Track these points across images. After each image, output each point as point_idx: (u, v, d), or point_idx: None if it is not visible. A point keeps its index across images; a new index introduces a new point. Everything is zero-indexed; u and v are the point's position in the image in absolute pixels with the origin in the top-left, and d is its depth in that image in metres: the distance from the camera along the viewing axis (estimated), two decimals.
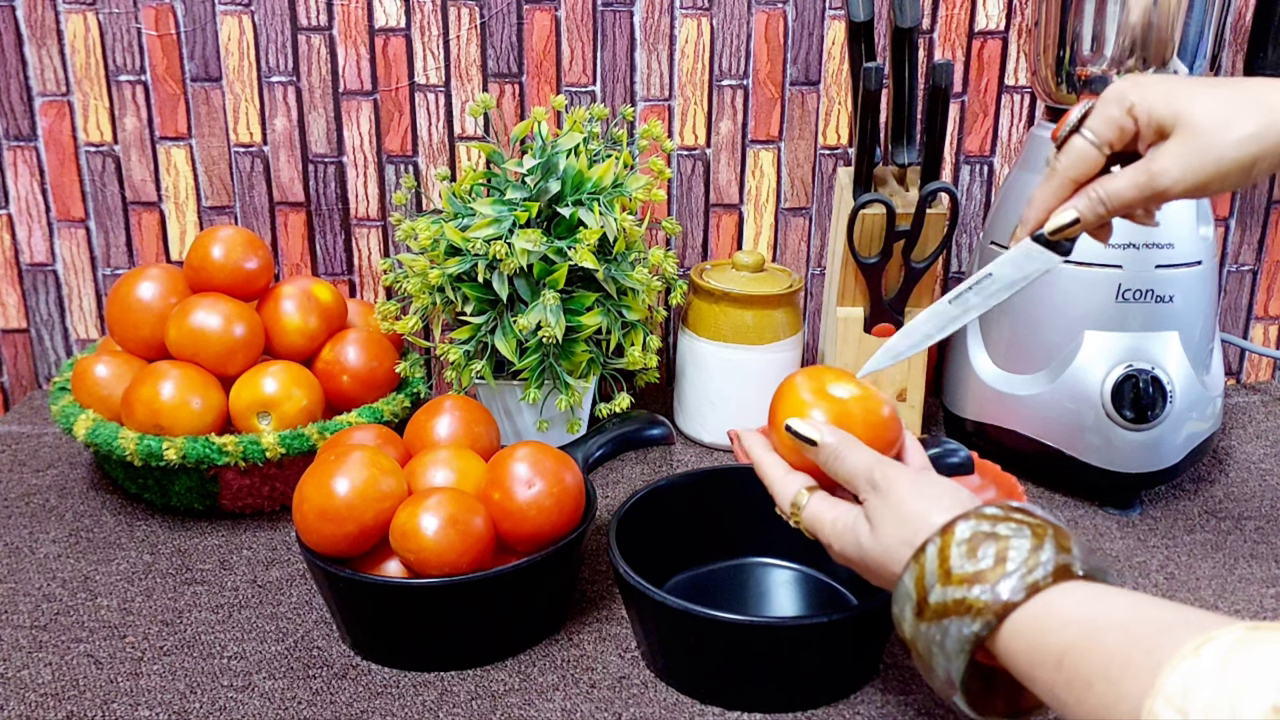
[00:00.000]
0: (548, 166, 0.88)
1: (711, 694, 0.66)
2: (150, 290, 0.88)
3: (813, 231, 1.12)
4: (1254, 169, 0.56)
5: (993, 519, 0.49)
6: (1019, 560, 0.47)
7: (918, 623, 0.49)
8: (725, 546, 0.80)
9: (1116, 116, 0.59)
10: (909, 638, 0.50)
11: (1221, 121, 0.55)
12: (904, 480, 0.54)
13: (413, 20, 1.03)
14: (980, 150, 1.11)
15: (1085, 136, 0.60)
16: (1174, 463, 0.88)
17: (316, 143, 1.07)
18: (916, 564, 0.50)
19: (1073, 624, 0.44)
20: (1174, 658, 0.37)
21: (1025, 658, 0.45)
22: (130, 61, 1.04)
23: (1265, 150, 0.55)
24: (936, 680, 0.49)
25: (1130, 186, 0.58)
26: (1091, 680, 0.41)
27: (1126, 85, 0.59)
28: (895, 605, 0.51)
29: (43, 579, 0.78)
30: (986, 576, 0.47)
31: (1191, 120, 0.56)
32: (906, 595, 0.50)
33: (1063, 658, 0.43)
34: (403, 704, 0.66)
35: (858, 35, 0.89)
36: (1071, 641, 0.43)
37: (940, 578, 0.48)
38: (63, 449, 0.98)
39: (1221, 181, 0.56)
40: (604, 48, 1.05)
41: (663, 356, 1.14)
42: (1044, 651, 0.44)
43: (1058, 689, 0.43)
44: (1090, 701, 0.41)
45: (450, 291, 0.89)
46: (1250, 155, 0.55)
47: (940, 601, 0.48)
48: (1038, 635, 0.45)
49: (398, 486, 0.69)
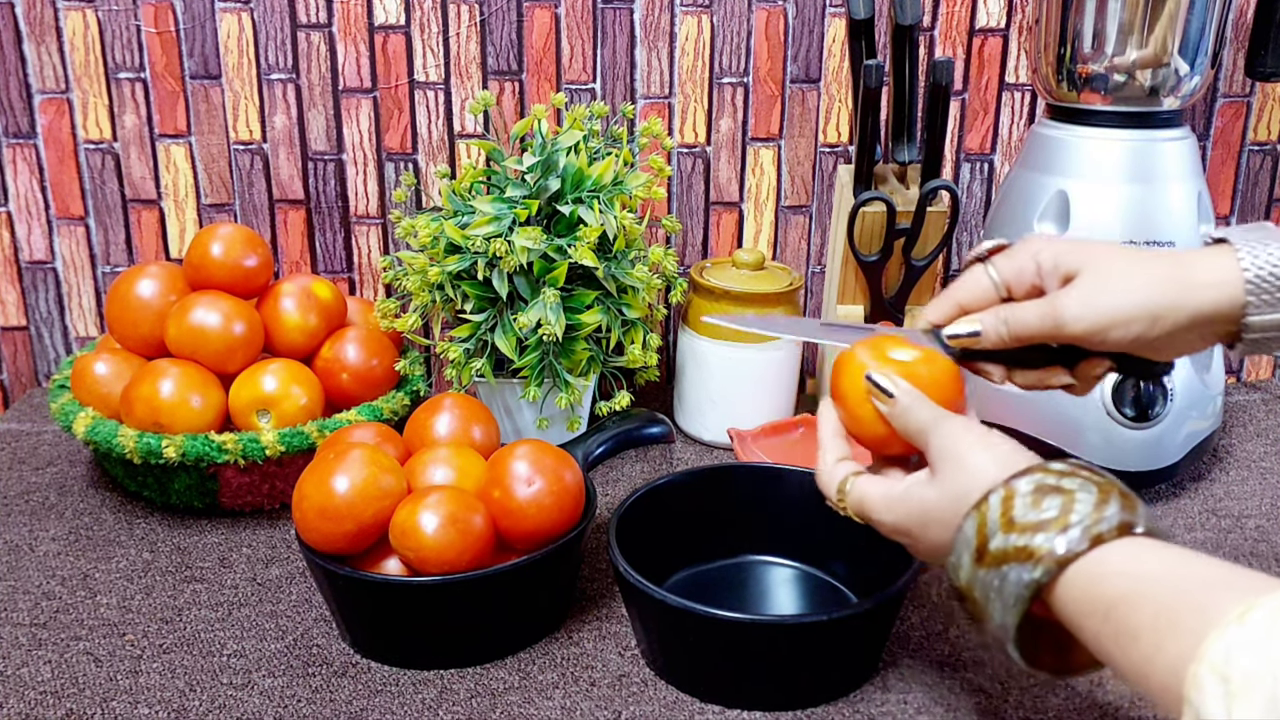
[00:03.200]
0: (548, 164, 0.88)
1: (711, 692, 0.66)
2: (150, 288, 0.88)
3: (813, 229, 1.12)
4: (1157, 322, 0.55)
5: (1059, 474, 0.50)
6: (1084, 513, 0.48)
7: (976, 569, 0.50)
8: (725, 545, 0.80)
9: (1021, 263, 0.60)
10: (964, 584, 0.51)
11: (1124, 270, 0.56)
12: (970, 434, 0.55)
13: (412, 17, 1.03)
14: (981, 148, 1.11)
15: (989, 272, 0.61)
16: (1174, 461, 0.88)
17: (316, 140, 1.06)
18: (978, 512, 0.51)
19: (1124, 576, 0.45)
20: (1220, 623, 0.38)
21: (1076, 607, 0.46)
22: (130, 59, 1.03)
23: (1165, 306, 0.55)
24: (990, 628, 0.50)
25: (1035, 315, 0.58)
26: (1138, 633, 0.42)
27: (1040, 239, 0.61)
28: (953, 554, 0.52)
29: (42, 577, 0.78)
30: (1050, 525, 0.48)
31: (1097, 265, 0.57)
32: (966, 542, 0.51)
33: (1111, 610, 0.44)
34: (402, 702, 0.65)
35: (858, 32, 0.89)
36: (1122, 594, 0.44)
37: (1003, 525, 0.49)
38: (62, 447, 0.98)
39: (1125, 327, 0.56)
40: (604, 45, 1.05)
41: (663, 355, 1.14)
42: (1095, 602, 0.45)
43: (1104, 640, 0.45)
44: (1134, 654, 0.42)
45: (450, 289, 0.89)
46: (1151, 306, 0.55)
47: (1001, 548, 0.49)
48: (1091, 586, 0.46)
49: (397, 485, 0.69)
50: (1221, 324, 0.55)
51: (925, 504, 0.56)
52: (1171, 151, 0.87)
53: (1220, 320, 0.55)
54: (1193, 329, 0.56)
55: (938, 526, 0.55)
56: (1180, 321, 0.55)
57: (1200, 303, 0.55)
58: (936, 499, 0.55)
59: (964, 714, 0.65)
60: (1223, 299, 0.54)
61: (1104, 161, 0.87)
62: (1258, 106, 1.10)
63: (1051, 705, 0.65)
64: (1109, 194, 0.86)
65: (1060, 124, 0.90)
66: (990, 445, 0.55)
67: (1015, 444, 0.55)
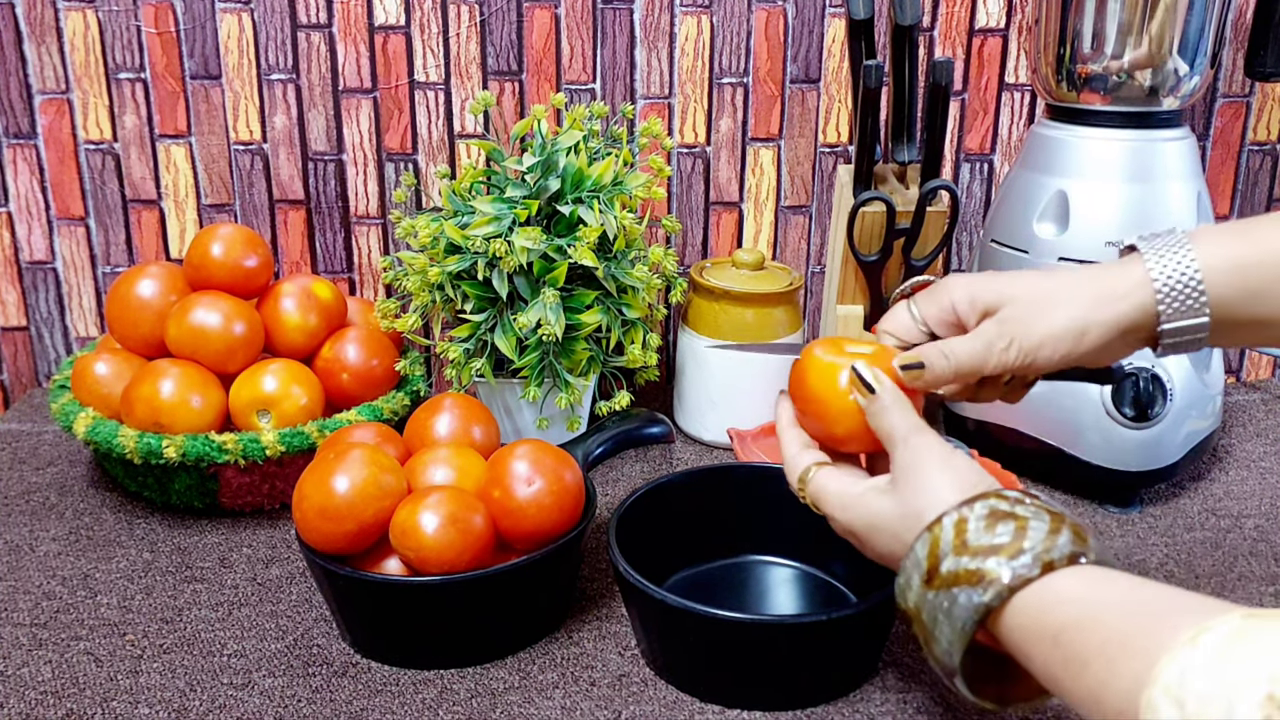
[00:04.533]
0: (548, 164, 0.88)
1: (711, 692, 0.66)
2: (150, 288, 0.88)
3: (813, 229, 1.12)
4: (1081, 338, 0.56)
5: (1013, 501, 0.50)
6: (1036, 540, 0.48)
7: (925, 590, 0.50)
8: (725, 545, 0.80)
9: (941, 303, 0.61)
10: (913, 606, 0.51)
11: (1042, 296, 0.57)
12: (936, 453, 0.55)
13: (412, 18, 1.03)
14: (980, 148, 1.11)
15: (910, 309, 0.62)
16: (1174, 461, 0.88)
17: (316, 140, 1.06)
18: (931, 533, 0.51)
19: (1074, 603, 0.45)
20: (1172, 647, 0.38)
21: (1024, 634, 0.46)
22: (130, 59, 1.03)
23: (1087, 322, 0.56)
24: (936, 651, 0.50)
25: (968, 346, 0.59)
26: (1088, 659, 0.42)
27: (958, 279, 0.61)
28: (901, 575, 0.52)
29: (42, 577, 0.78)
30: (1003, 550, 0.48)
31: (1014, 297, 0.58)
32: (916, 564, 0.51)
33: (1060, 635, 0.44)
34: (402, 702, 0.66)
35: (858, 33, 0.89)
36: (1072, 620, 0.44)
37: (955, 548, 0.49)
38: (62, 447, 0.98)
39: (1051, 348, 0.56)
40: (604, 45, 1.05)
41: (662, 355, 1.14)
42: (1043, 628, 0.45)
43: (1054, 666, 0.44)
44: (1085, 680, 0.42)
45: (450, 289, 0.89)
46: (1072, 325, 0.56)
47: (952, 570, 0.49)
48: (1040, 613, 0.46)
49: (397, 484, 0.69)
50: (1142, 331, 0.56)
51: (878, 513, 0.56)
52: (1171, 151, 0.87)
53: (1140, 329, 0.56)
54: (1116, 339, 0.56)
55: (885, 537, 0.55)
56: (1103, 335, 0.56)
57: (1118, 314, 0.56)
58: (890, 511, 0.55)
59: (964, 714, 0.65)
60: (1136, 309, 0.56)
61: (1104, 161, 0.87)
62: (1257, 106, 1.10)
63: (1051, 705, 0.65)
64: (1108, 194, 0.86)
65: (1060, 124, 0.90)
66: (952, 467, 0.54)
67: (977, 468, 0.55)
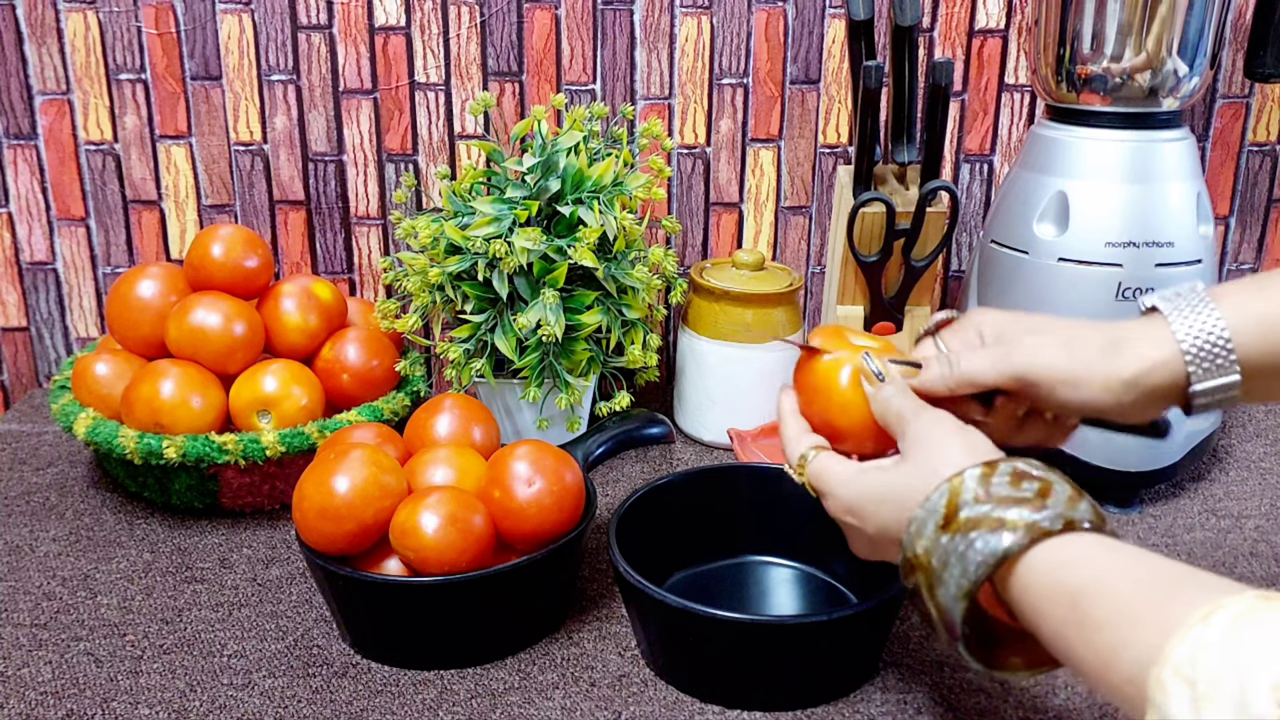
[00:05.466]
0: (548, 165, 0.88)
1: (711, 692, 0.66)
2: (150, 289, 0.88)
3: (813, 230, 1.12)
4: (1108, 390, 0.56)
5: (1035, 465, 0.51)
6: (1060, 499, 0.48)
7: (939, 535, 0.49)
8: (725, 545, 0.80)
9: (967, 336, 0.61)
10: (921, 553, 0.50)
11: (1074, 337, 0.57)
12: (949, 423, 0.55)
13: (413, 19, 1.03)
14: (980, 149, 1.11)
15: (938, 344, 0.62)
16: (1174, 461, 0.88)
17: (316, 141, 1.07)
18: (951, 483, 0.50)
19: (1092, 565, 0.45)
20: (1184, 624, 0.38)
21: (1038, 591, 0.46)
22: (130, 60, 1.04)
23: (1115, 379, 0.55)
24: (940, 597, 0.49)
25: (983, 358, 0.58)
26: (1102, 623, 0.42)
27: (986, 312, 0.61)
28: (911, 525, 0.51)
29: (43, 577, 0.78)
30: (1026, 504, 0.48)
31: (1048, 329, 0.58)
32: (932, 511, 0.50)
33: (1076, 596, 0.44)
34: (402, 702, 0.66)
35: (858, 33, 0.89)
36: (1089, 581, 0.44)
37: (978, 497, 0.49)
38: (63, 447, 0.98)
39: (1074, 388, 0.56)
40: (604, 46, 1.05)
41: (663, 355, 1.14)
42: (1059, 587, 0.45)
43: (1067, 628, 0.44)
44: (1097, 643, 0.42)
45: (450, 290, 0.89)
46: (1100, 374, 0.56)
47: (972, 516, 0.48)
48: (1056, 569, 0.46)
49: (398, 485, 0.69)
50: (1172, 395, 0.56)
51: (886, 483, 0.55)
52: (1171, 152, 0.87)
53: (1170, 393, 0.56)
54: (1144, 400, 0.56)
55: (892, 506, 0.54)
56: (1130, 398, 0.56)
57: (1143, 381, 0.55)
58: (902, 477, 0.55)
59: (964, 714, 0.65)
60: (1166, 378, 0.55)
61: (1103, 162, 0.87)
62: (1257, 107, 1.11)
63: (1051, 706, 0.66)
64: (1108, 194, 0.86)
65: (1060, 125, 0.90)
66: (967, 435, 0.55)
67: (989, 441, 0.55)
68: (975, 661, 0.51)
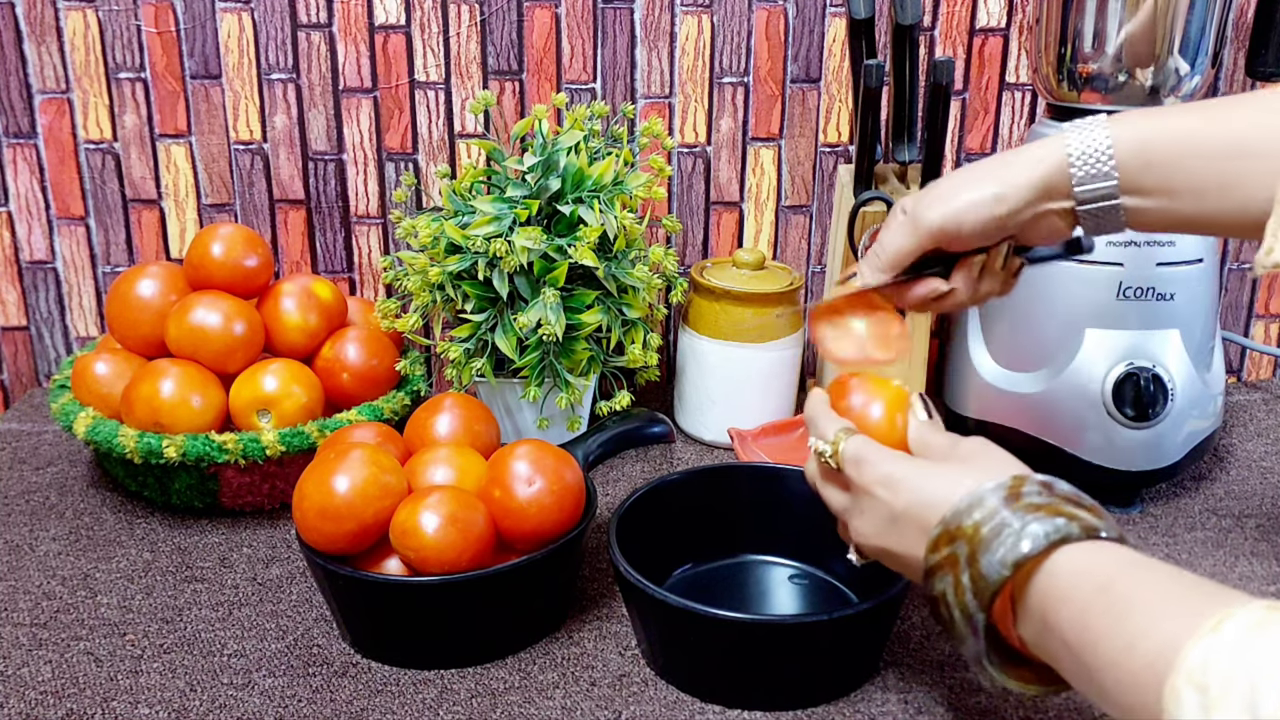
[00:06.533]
0: (548, 164, 0.88)
1: (711, 692, 0.66)
2: (150, 288, 0.88)
3: (813, 229, 1.12)
4: (1001, 200, 0.60)
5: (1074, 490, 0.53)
6: (1110, 521, 0.51)
7: (1002, 507, 0.51)
8: (725, 544, 0.80)
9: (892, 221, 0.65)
10: (969, 525, 0.51)
11: (965, 170, 0.63)
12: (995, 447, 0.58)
13: (413, 17, 1.03)
14: (981, 148, 1.11)
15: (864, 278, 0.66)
16: (1175, 461, 0.88)
17: (316, 140, 1.06)
18: (1013, 477, 0.53)
19: (1125, 558, 0.47)
20: (1196, 632, 0.39)
21: (1071, 579, 0.47)
22: (130, 59, 1.03)
23: (1005, 183, 0.60)
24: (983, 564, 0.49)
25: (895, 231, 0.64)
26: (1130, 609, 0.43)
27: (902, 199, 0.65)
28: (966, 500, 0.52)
29: (43, 577, 0.78)
30: (1084, 509, 0.50)
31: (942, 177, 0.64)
32: (998, 487, 0.52)
33: (1110, 584, 0.45)
34: (403, 702, 0.65)
35: (858, 32, 0.89)
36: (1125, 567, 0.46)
37: (1041, 492, 0.51)
38: (63, 447, 0.98)
39: (975, 211, 0.61)
40: (604, 45, 1.05)
41: (663, 354, 1.14)
42: (1095, 573, 0.47)
43: (1093, 614, 0.45)
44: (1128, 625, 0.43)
45: (450, 289, 0.89)
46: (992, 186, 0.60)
47: (1034, 502, 0.51)
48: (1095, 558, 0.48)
49: (398, 484, 0.69)
50: (1058, 194, 0.60)
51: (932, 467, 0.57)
52: None
53: (1055, 190, 0.60)
54: (1037, 199, 0.60)
55: (943, 481, 0.55)
56: (1022, 196, 0.60)
57: (1031, 176, 0.60)
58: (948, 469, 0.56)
59: (964, 714, 0.65)
60: (1050, 170, 0.59)
61: None
62: None
63: (1051, 705, 0.65)
64: None
65: (1061, 124, 0.89)
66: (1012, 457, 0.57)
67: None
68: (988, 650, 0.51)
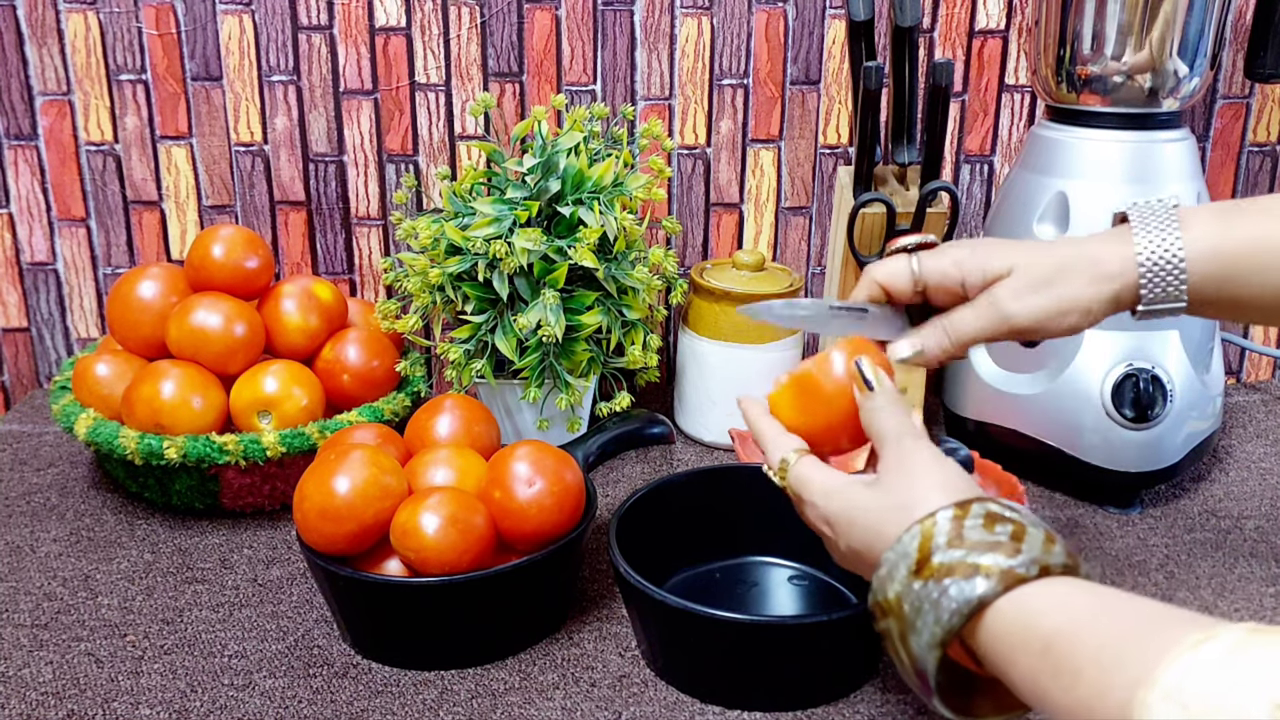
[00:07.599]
0: (548, 165, 0.88)
1: (711, 693, 0.66)
2: (151, 289, 0.88)
3: (813, 231, 1.12)
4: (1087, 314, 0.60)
5: (1008, 507, 0.50)
6: (1035, 544, 0.47)
7: (912, 580, 0.48)
8: (725, 545, 0.80)
9: (944, 267, 0.62)
10: (893, 598, 0.49)
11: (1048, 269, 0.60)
12: (927, 454, 0.54)
13: (413, 19, 1.03)
14: (981, 149, 1.11)
15: (912, 264, 0.63)
16: (1174, 462, 0.88)
17: (317, 142, 1.07)
18: (923, 525, 0.49)
19: (1065, 610, 0.44)
20: (1172, 651, 0.37)
21: (1009, 641, 0.45)
22: (131, 60, 1.04)
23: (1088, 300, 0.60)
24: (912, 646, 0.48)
25: (973, 317, 0.61)
26: (1080, 668, 0.41)
27: (964, 244, 0.63)
28: (882, 566, 0.50)
29: (43, 578, 0.78)
30: (1001, 549, 0.47)
31: (1027, 264, 0.60)
32: (903, 554, 0.49)
33: (1050, 643, 0.43)
34: (403, 703, 0.66)
35: (858, 34, 0.89)
36: (1062, 627, 0.43)
37: (951, 541, 0.48)
38: (63, 448, 0.98)
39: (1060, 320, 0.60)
40: (604, 47, 1.05)
41: (663, 355, 1.14)
42: (1031, 636, 0.44)
43: (1042, 677, 0.43)
44: (1078, 690, 0.41)
45: (450, 290, 0.89)
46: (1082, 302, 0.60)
47: (945, 562, 0.47)
48: (1029, 617, 0.44)
49: (398, 485, 0.69)
50: (1124, 306, 0.60)
51: (860, 507, 0.54)
52: (1171, 153, 0.87)
53: (1124, 304, 0.60)
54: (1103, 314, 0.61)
55: (862, 532, 0.54)
56: (1105, 311, 0.60)
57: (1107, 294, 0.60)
58: (873, 505, 0.54)
59: None
60: (1124, 290, 0.60)
61: (1103, 163, 0.87)
62: (1257, 108, 1.11)
63: None
64: (1108, 195, 0.86)
65: (1060, 125, 0.90)
66: (944, 471, 0.53)
67: (968, 477, 0.54)
68: (947, 710, 0.49)
